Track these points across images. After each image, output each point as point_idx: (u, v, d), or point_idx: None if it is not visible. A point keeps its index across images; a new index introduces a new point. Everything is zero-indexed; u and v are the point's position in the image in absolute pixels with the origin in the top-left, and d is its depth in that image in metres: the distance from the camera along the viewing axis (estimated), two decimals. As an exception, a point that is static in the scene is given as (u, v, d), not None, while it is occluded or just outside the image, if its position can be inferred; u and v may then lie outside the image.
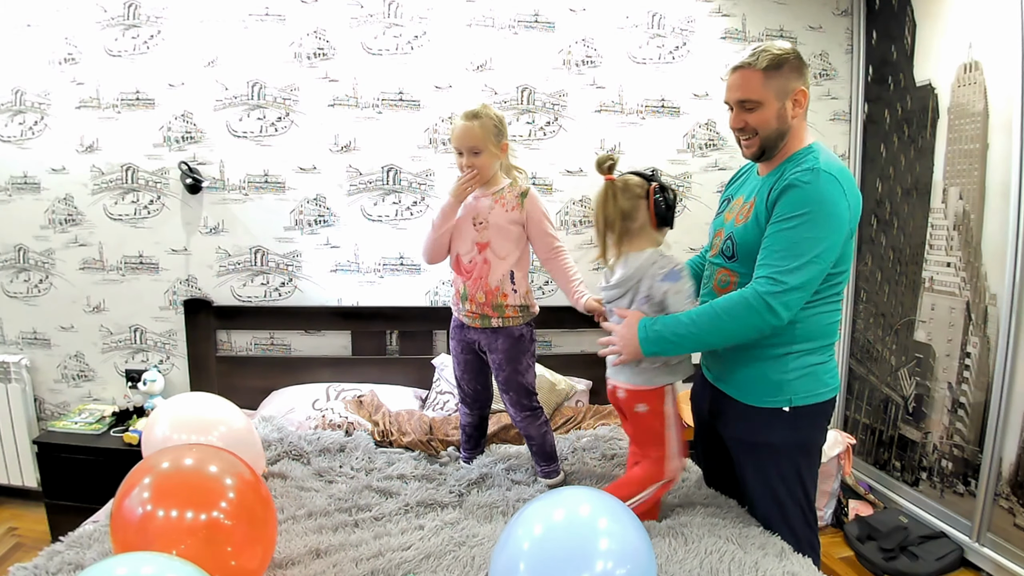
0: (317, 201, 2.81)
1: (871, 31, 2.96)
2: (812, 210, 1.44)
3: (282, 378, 2.76)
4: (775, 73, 1.50)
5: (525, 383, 1.92)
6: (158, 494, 1.26)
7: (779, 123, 1.53)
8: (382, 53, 2.76)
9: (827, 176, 1.45)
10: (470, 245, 1.87)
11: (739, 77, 1.54)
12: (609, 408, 2.63)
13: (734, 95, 1.56)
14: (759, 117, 1.53)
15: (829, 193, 1.45)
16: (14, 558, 2.36)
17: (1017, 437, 2.25)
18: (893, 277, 2.85)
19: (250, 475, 1.40)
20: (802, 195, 1.45)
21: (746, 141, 1.58)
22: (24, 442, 2.70)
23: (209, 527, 1.26)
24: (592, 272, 2.97)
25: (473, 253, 1.86)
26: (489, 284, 1.86)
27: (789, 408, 1.55)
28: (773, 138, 1.55)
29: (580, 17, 2.84)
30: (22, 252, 2.79)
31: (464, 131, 1.80)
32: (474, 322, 1.91)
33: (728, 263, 1.62)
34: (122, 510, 1.26)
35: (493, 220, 1.84)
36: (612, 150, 2.91)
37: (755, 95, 1.51)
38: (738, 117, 1.56)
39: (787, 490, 1.61)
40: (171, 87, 2.70)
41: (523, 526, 1.23)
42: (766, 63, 1.49)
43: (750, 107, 1.53)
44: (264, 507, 1.38)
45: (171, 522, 1.24)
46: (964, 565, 2.40)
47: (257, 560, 1.33)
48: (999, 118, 2.31)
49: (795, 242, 1.44)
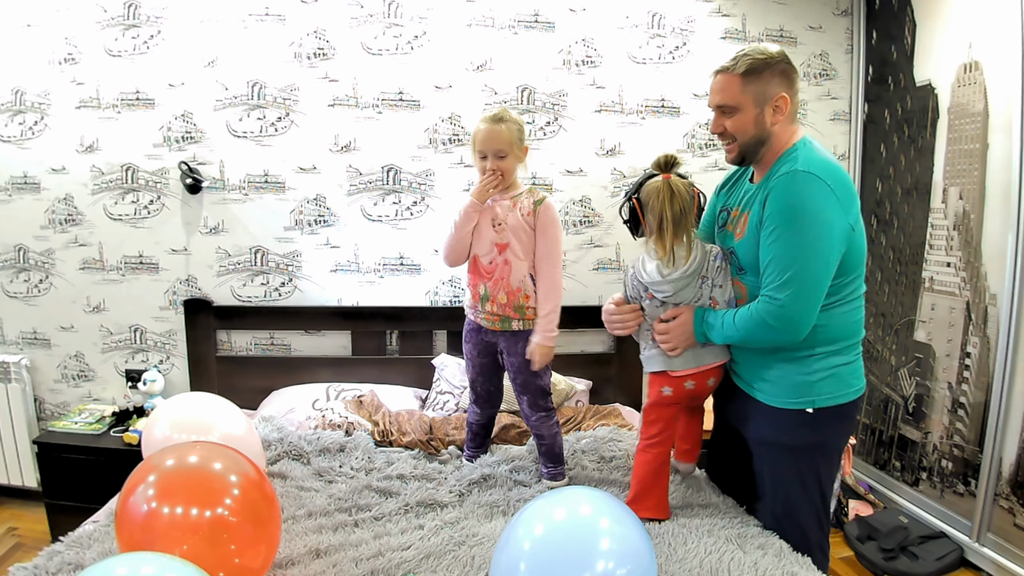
0: (317, 201, 2.81)
1: (871, 31, 2.96)
2: (791, 216, 1.43)
3: (282, 378, 2.76)
4: (754, 78, 1.49)
5: (543, 384, 1.94)
6: (163, 492, 1.26)
7: (757, 129, 1.52)
8: (382, 53, 2.76)
9: (805, 176, 1.43)
10: (489, 246, 1.87)
11: (718, 81, 1.55)
12: (609, 408, 2.63)
13: (713, 99, 1.57)
14: (736, 122, 1.53)
15: (808, 195, 1.42)
16: (14, 558, 2.36)
17: (1017, 437, 2.25)
18: (893, 277, 2.85)
19: (255, 473, 1.40)
20: (779, 203, 1.44)
21: (727, 146, 1.59)
22: (24, 442, 2.70)
23: (214, 525, 1.26)
24: (592, 272, 2.97)
25: (493, 254, 1.87)
26: (511, 284, 1.87)
27: (812, 410, 1.54)
28: (751, 144, 1.54)
29: (580, 17, 2.84)
30: (22, 252, 2.79)
31: (491, 134, 1.81)
32: (493, 325, 1.91)
33: (744, 277, 1.62)
34: (127, 508, 1.26)
35: (511, 222, 1.85)
36: (612, 150, 2.92)
37: (731, 100, 1.52)
38: (717, 122, 1.58)
39: (803, 492, 1.60)
40: (171, 87, 2.70)
41: (524, 526, 1.23)
42: (744, 68, 1.49)
43: (727, 112, 1.54)
44: (269, 505, 1.38)
45: (176, 519, 1.23)
46: (964, 565, 2.40)
47: (260, 559, 1.33)
48: (999, 118, 2.31)
49: (780, 254, 1.45)
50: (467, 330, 2.01)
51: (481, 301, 1.90)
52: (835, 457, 1.66)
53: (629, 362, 2.85)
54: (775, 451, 1.62)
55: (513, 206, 1.86)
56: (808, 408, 1.54)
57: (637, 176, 1.69)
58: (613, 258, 2.98)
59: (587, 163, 2.91)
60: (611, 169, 2.93)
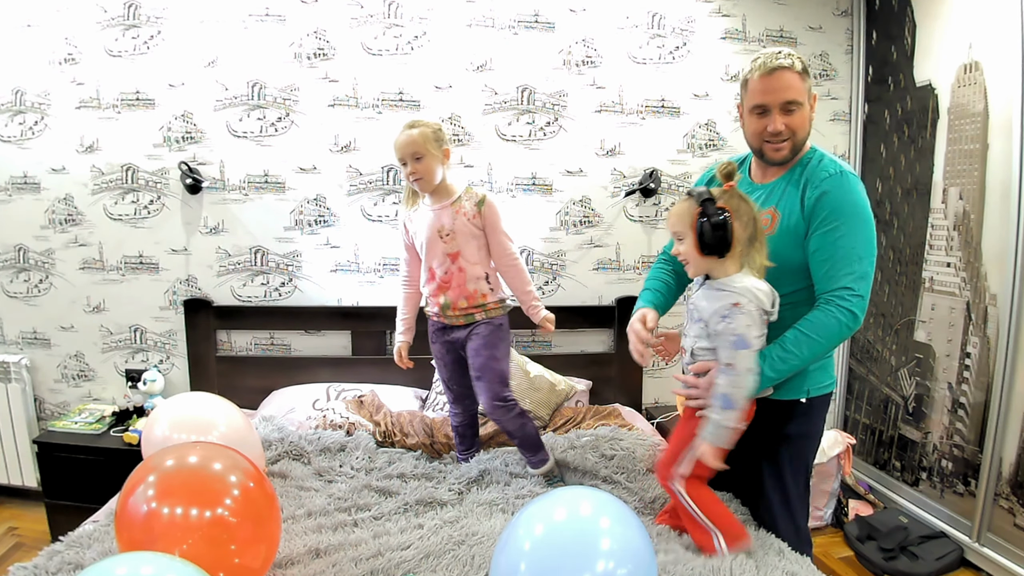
0: (317, 201, 2.81)
1: (871, 31, 2.96)
2: (855, 213, 1.49)
3: (282, 378, 2.76)
4: (806, 76, 1.54)
5: (501, 369, 1.95)
6: (163, 492, 1.26)
7: (810, 125, 1.57)
8: (382, 53, 2.77)
9: (854, 178, 1.52)
10: (442, 258, 1.93)
11: (782, 79, 1.51)
12: (609, 408, 2.63)
13: (778, 96, 1.51)
14: (799, 118, 1.53)
15: (862, 194, 1.51)
16: (14, 558, 2.36)
17: (1017, 437, 2.25)
18: (893, 277, 2.85)
19: (254, 472, 1.40)
20: (842, 201, 1.49)
21: (781, 144, 1.54)
22: (24, 442, 2.70)
23: (214, 524, 1.26)
24: (592, 272, 2.97)
25: (447, 264, 1.93)
26: (468, 290, 1.93)
27: (806, 399, 1.60)
28: (803, 140, 1.57)
29: (580, 17, 2.84)
30: (22, 252, 2.79)
31: (405, 139, 1.88)
32: (457, 320, 1.97)
33: None
34: (126, 508, 1.26)
35: (459, 228, 1.91)
36: (612, 150, 2.92)
37: (799, 96, 1.52)
38: (778, 119, 1.52)
39: (794, 482, 1.66)
40: (171, 87, 2.70)
41: (524, 526, 1.23)
42: (801, 66, 1.53)
43: (792, 108, 1.52)
44: (269, 504, 1.38)
45: (175, 520, 1.23)
46: (964, 565, 2.40)
47: (260, 559, 1.33)
48: (999, 118, 2.31)
49: (850, 250, 1.47)
50: (432, 331, 2.06)
51: (443, 309, 1.96)
52: (818, 445, 1.74)
53: (629, 362, 2.84)
54: (772, 442, 1.65)
55: (456, 212, 1.92)
56: (802, 398, 1.60)
57: (697, 192, 1.47)
58: (613, 258, 2.98)
59: (587, 163, 2.91)
60: (611, 169, 2.93)
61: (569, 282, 2.96)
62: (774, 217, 1.57)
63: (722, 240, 1.41)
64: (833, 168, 1.52)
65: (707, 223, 1.41)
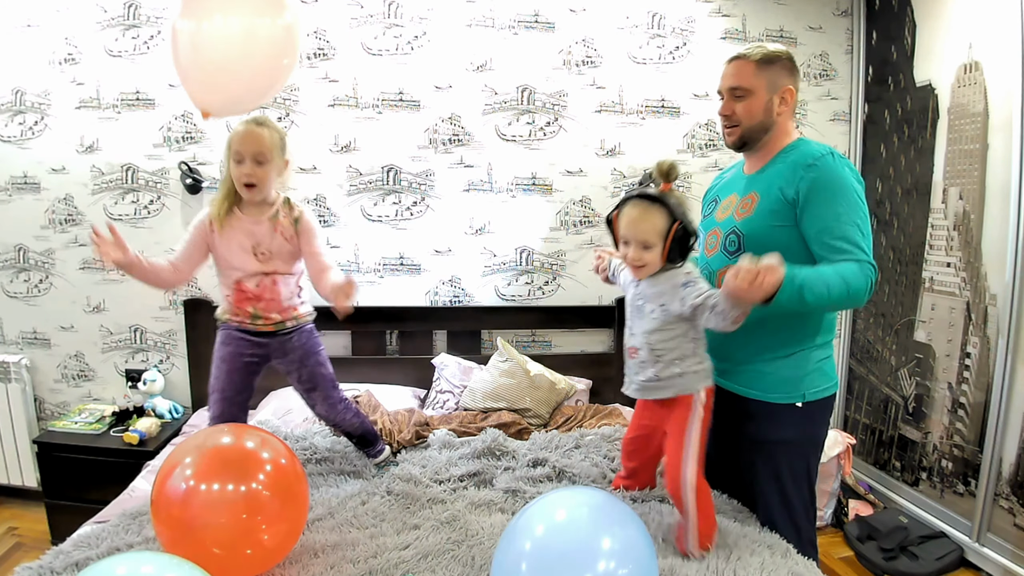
0: (317, 201, 2.81)
1: (871, 31, 2.96)
2: (845, 190, 1.49)
3: (281, 378, 2.72)
4: (767, 67, 1.57)
5: (330, 374, 1.92)
6: (200, 471, 1.32)
7: (764, 115, 1.59)
8: (382, 53, 2.77)
9: (841, 158, 1.54)
10: (257, 276, 1.79)
11: (734, 66, 1.61)
12: (609, 408, 2.62)
13: (727, 83, 1.62)
14: (746, 106, 1.59)
15: (849, 173, 1.52)
16: (14, 558, 2.36)
17: (1017, 437, 2.25)
18: (893, 277, 2.85)
19: (286, 451, 1.47)
20: (832, 180, 1.49)
21: (729, 129, 1.64)
22: (24, 442, 2.70)
23: (248, 499, 1.32)
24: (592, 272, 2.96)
25: (260, 279, 1.79)
26: (282, 304, 1.83)
27: (802, 403, 1.59)
28: (756, 129, 1.60)
29: (580, 17, 2.84)
30: (22, 252, 2.79)
31: (252, 135, 1.67)
32: (267, 327, 1.83)
33: (732, 258, 1.61)
34: (165, 487, 1.32)
35: (276, 247, 1.77)
36: (612, 150, 2.92)
37: (746, 83, 1.58)
38: (727, 105, 1.62)
39: (795, 487, 1.64)
40: (171, 87, 2.70)
41: (525, 525, 1.23)
42: (759, 56, 1.58)
43: (740, 95, 1.59)
44: (298, 481, 1.45)
45: (212, 495, 1.30)
46: (964, 565, 2.40)
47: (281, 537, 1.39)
48: (999, 118, 2.31)
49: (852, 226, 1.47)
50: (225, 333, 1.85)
51: (252, 318, 1.82)
52: (820, 450, 1.72)
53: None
54: (766, 447, 1.64)
55: (274, 230, 1.76)
56: (798, 402, 1.59)
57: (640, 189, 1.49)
58: (613, 258, 2.98)
59: (587, 163, 2.91)
60: (611, 169, 2.93)
61: (569, 282, 2.96)
62: (754, 200, 1.60)
63: (690, 249, 1.47)
64: (821, 150, 1.54)
65: (683, 236, 1.44)
